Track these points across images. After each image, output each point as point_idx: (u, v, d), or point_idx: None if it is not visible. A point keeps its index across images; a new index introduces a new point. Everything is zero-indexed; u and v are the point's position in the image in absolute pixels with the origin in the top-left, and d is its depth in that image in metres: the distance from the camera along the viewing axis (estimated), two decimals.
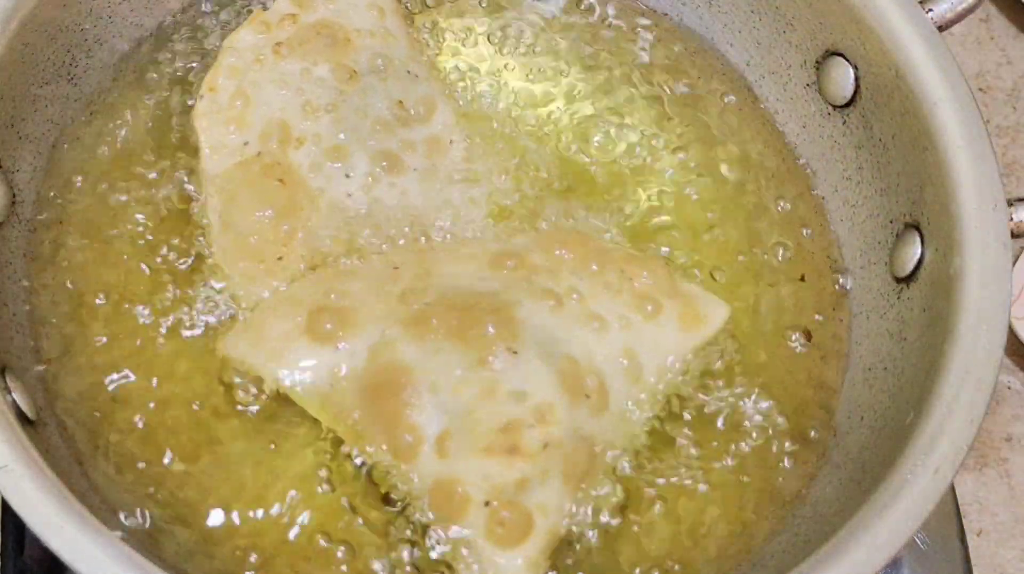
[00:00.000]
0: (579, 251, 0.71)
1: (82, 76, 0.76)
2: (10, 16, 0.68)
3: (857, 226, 0.76)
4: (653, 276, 0.71)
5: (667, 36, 0.83)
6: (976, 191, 0.67)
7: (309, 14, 0.75)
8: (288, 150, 0.72)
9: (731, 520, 0.69)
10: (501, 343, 0.66)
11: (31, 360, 0.69)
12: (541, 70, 0.81)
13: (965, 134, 0.68)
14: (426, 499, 0.64)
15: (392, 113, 0.74)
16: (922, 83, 0.70)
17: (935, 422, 0.62)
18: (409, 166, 0.73)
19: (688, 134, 0.80)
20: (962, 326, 0.64)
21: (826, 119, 0.78)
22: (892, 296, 0.72)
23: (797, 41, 0.78)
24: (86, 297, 0.71)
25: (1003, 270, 0.66)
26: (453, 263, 0.70)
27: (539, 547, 0.63)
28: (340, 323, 0.67)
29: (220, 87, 0.73)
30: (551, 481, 0.64)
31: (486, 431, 0.63)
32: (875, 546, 0.59)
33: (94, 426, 0.68)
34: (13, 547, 0.71)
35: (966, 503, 0.84)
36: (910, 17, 0.71)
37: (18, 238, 0.71)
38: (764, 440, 0.71)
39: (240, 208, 0.71)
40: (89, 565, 0.56)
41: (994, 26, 1.02)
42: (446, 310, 0.67)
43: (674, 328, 0.70)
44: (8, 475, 0.57)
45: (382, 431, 0.65)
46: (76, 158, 0.75)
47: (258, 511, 0.66)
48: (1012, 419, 0.88)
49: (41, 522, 0.57)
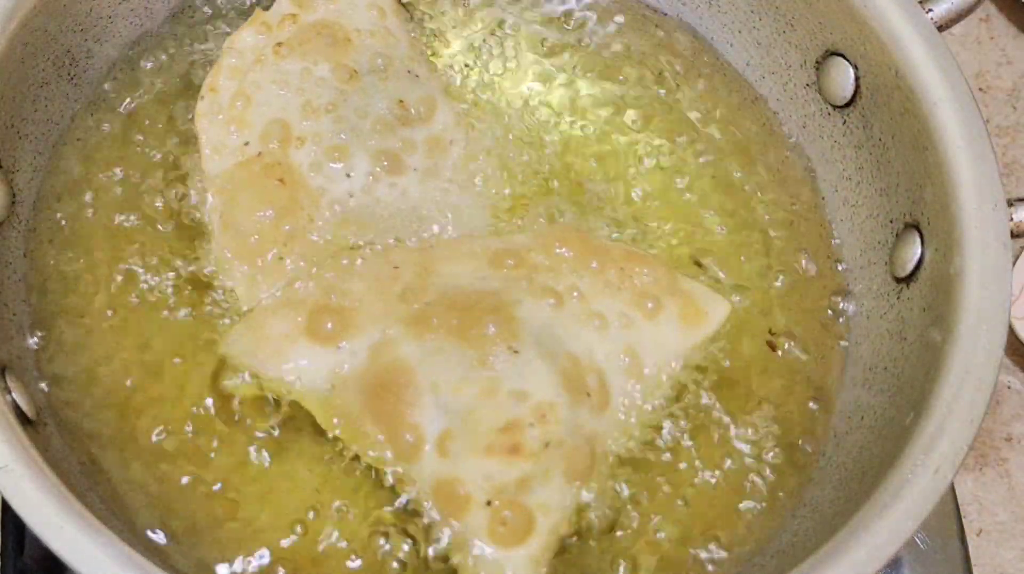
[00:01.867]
0: (579, 249, 0.71)
1: (82, 76, 0.76)
2: (10, 16, 0.68)
3: (857, 226, 0.76)
4: (653, 273, 0.71)
5: (666, 36, 0.83)
6: (976, 191, 0.67)
7: (309, 14, 0.75)
8: (289, 150, 0.72)
9: (730, 520, 0.69)
10: (502, 342, 0.66)
11: (31, 360, 0.69)
12: (541, 70, 0.81)
13: (965, 134, 0.68)
14: (428, 499, 0.64)
15: (393, 113, 0.74)
16: (922, 83, 0.70)
17: (935, 422, 0.62)
18: (410, 166, 0.73)
19: (687, 134, 0.80)
20: (962, 326, 0.64)
21: (826, 119, 0.78)
22: (892, 296, 0.72)
23: (797, 41, 0.78)
24: (86, 297, 0.71)
25: (1003, 270, 0.66)
26: (453, 262, 0.70)
27: (541, 546, 0.63)
28: (341, 323, 0.67)
29: (221, 87, 0.73)
30: (552, 480, 0.64)
31: (487, 430, 0.63)
32: (875, 546, 0.59)
33: (94, 426, 0.68)
34: (13, 547, 0.71)
35: (966, 503, 0.84)
36: (910, 17, 0.71)
37: (18, 238, 0.71)
38: (764, 440, 0.71)
39: (241, 208, 0.71)
40: (89, 565, 0.56)
41: (994, 26, 1.02)
42: (447, 309, 0.67)
43: (675, 325, 0.70)
44: (8, 475, 0.57)
45: (383, 431, 0.65)
46: (76, 158, 0.75)
47: (259, 510, 0.66)
48: (1012, 419, 0.88)
49: (41, 522, 0.57)
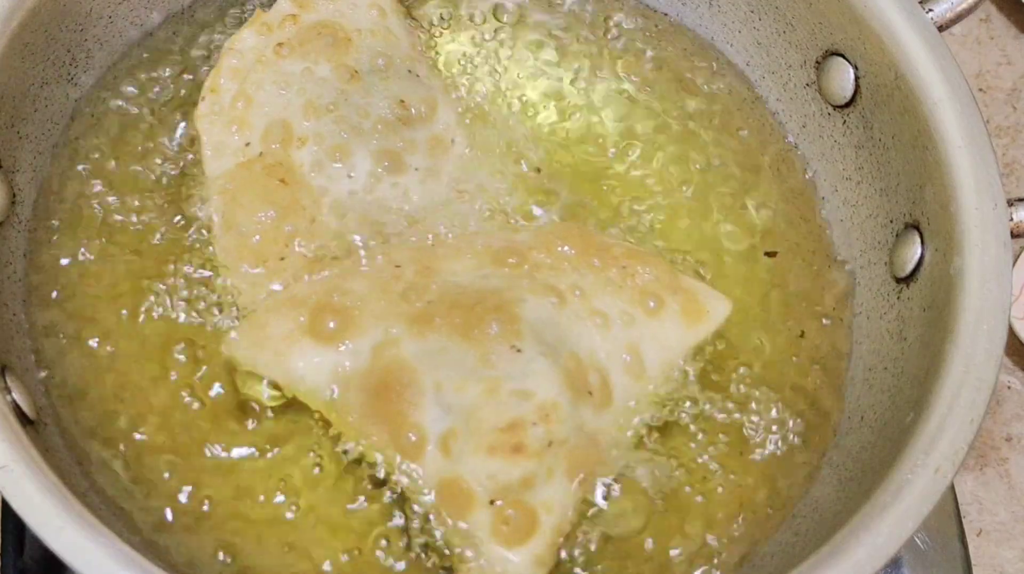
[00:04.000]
0: (580, 246, 0.71)
1: (82, 76, 0.76)
2: (10, 16, 0.68)
3: (857, 226, 0.76)
4: (655, 271, 0.71)
5: (667, 36, 0.83)
6: (976, 191, 0.67)
7: (310, 14, 0.75)
8: (290, 150, 0.72)
9: (731, 520, 0.69)
10: (504, 341, 0.66)
11: (31, 360, 0.69)
12: (542, 69, 0.81)
13: (965, 134, 0.68)
14: (431, 498, 0.64)
15: (394, 112, 0.74)
16: (922, 83, 0.70)
17: (935, 422, 0.62)
18: (411, 166, 0.73)
19: (687, 134, 0.80)
20: (962, 326, 0.64)
21: (826, 119, 0.78)
22: (892, 296, 0.72)
23: (797, 41, 0.78)
24: (86, 297, 0.71)
25: (1003, 270, 0.66)
26: (455, 260, 0.70)
27: (544, 544, 0.63)
28: (343, 322, 0.67)
29: (222, 88, 0.73)
30: (556, 479, 0.64)
31: (490, 430, 0.63)
32: (875, 546, 0.59)
33: (94, 426, 0.68)
34: (13, 547, 0.71)
35: (966, 503, 0.84)
36: (910, 17, 0.71)
37: (18, 238, 0.71)
38: (764, 440, 0.71)
39: (242, 209, 0.71)
40: (89, 565, 0.56)
41: (994, 26, 1.02)
42: (449, 308, 0.67)
43: (676, 323, 0.70)
44: (8, 475, 0.57)
45: (386, 430, 0.65)
46: (76, 158, 0.75)
47: (260, 509, 0.66)
48: (1012, 419, 0.88)
49: (41, 522, 0.56)
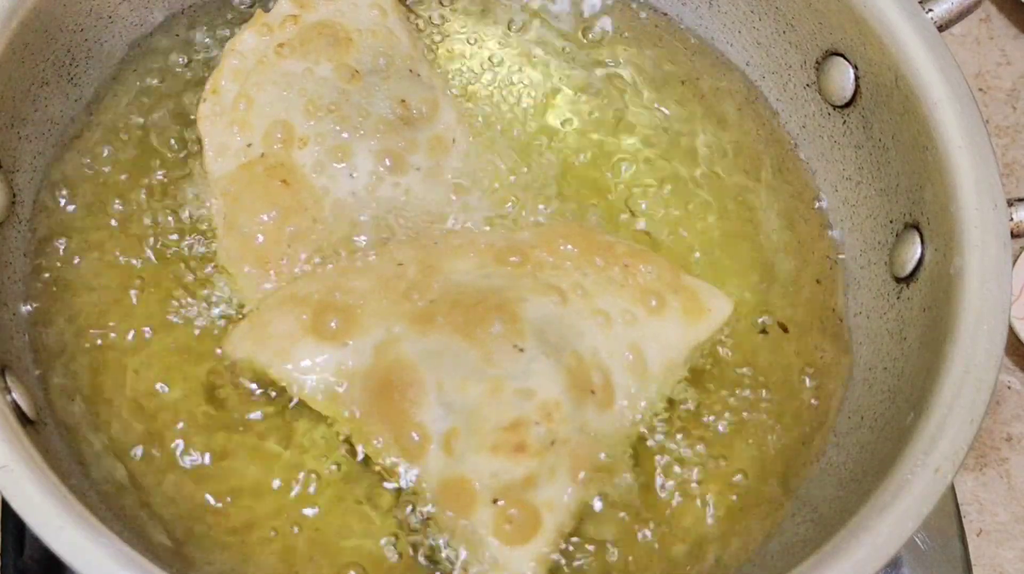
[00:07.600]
0: (583, 245, 0.71)
1: (82, 76, 0.76)
2: (10, 16, 0.68)
3: (857, 226, 0.76)
4: (657, 270, 0.71)
5: (667, 36, 0.83)
6: (976, 191, 0.67)
7: (311, 14, 0.75)
8: (292, 151, 0.72)
9: (731, 520, 0.69)
10: (507, 340, 0.66)
11: (31, 360, 0.69)
12: (542, 68, 0.81)
13: (965, 134, 0.68)
14: (434, 496, 0.64)
15: (395, 112, 0.74)
16: (922, 83, 0.70)
17: (935, 422, 0.62)
18: (412, 165, 0.73)
19: (687, 134, 0.80)
20: (962, 326, 0.64)
21: (826, 119, 0.78)
22: (892, 296, 0.72)
23: (797, 41, 0.78)
24: (87, 297, 0.71)
25: (1003, 270, 0.66)
26: (457, 259, 0.70)
27: (547, 543, 0.63)
28: (345, 321, 0.67)
29: (223, 89, 0.73)
30: (558, 478, 0.64)
31: (492, 429, 0.63)
32: (875, 546, 0.59)
33: (94, 426, 0.68)
34: (13, 547, 0.71)
35: (966, 503, 0.84)
36: (910, 17, 0.72)
37: (18, 238, 0.71)
38: (763, 440, 0.71)
39: (244, 209, 0.71)
40: (89, 565, 0.56)
41: (994, 26, 1.02)
42: (451, 307, 0.67)
43: (678, 322, 0.70)
44: (8, 475, 0.57)
45: (389, 429, 0.65)
46: (76, 158, 0.75)
47: (260, 509, 0.66)
48: (1012, 419, 0.88)
49: (41, 522, 0.57)
